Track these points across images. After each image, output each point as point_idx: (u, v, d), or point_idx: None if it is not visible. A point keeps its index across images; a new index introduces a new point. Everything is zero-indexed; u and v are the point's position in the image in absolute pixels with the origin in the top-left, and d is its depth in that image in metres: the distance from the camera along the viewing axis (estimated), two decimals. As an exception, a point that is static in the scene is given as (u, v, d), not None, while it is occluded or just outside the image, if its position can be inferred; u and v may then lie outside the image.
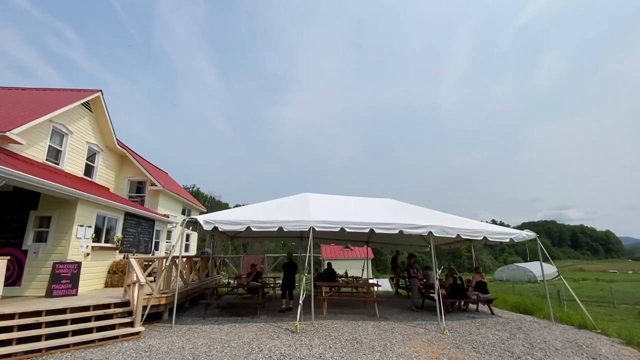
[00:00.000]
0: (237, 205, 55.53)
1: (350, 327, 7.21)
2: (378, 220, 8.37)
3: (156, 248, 13.98)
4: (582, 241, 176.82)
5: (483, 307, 9.95)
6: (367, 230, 8.16)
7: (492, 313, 9.33)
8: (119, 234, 10.75)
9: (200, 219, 7.70)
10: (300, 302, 7.12)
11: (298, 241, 13.57)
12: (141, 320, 6.62)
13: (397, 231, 8.07)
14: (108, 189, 13.22)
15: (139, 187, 15.14)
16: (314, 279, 11.52)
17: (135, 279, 6.95)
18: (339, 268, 15.10)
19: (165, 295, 7.73)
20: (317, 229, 7.69)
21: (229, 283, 12.20)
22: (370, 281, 12.70)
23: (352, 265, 26.41)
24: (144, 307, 6.89)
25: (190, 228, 8.78)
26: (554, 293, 16.05)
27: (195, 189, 54.62)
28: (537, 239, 8.93)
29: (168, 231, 15.58)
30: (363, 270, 14.74)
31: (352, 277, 14.46)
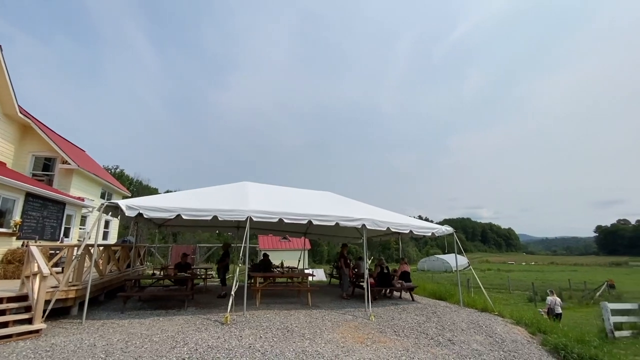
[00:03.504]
0: (168, 191, 51.58)
1: (282, 316, 7.26)
2: (316, 212, 8.49)
3: (66, 235, 12.34)
4: (490, 237, 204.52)
5: (406, 294, 10.87)
6: (305, 222, 8.24)
7: (413, 300, 10.25)
8: (17, 217, 9.21)
9: (122, 203, 6.94)
10: (233, 293, 6.92)
11: (234, 231, 13.14)
12: (43, 317, 5.78)
13: (333, 223, 8.30)
14: (4, 164, 11.16)
15: (46, 165, 13.06)
16: (249, 269, 11.33)
17: (36, 269, 6.03)
18: (276, 259, 15.07)
19: (75, 287, 6.84)
20: (254, 219, 7.51)
21: (153, 274, 11.31)
22: (306, 271, 12.94)
23: (289, 256, 26.61)
24: (47, 302, 6.02)
25: (110, 214, 7.89)
26: (464, 281, 18.28)
27: (118, 170, 49.10)
28: (454, 233, 9.98)
29: (82, 216, 13.84)
30: (299, 260, 14.94)
31: (288, 267, 14.57)
